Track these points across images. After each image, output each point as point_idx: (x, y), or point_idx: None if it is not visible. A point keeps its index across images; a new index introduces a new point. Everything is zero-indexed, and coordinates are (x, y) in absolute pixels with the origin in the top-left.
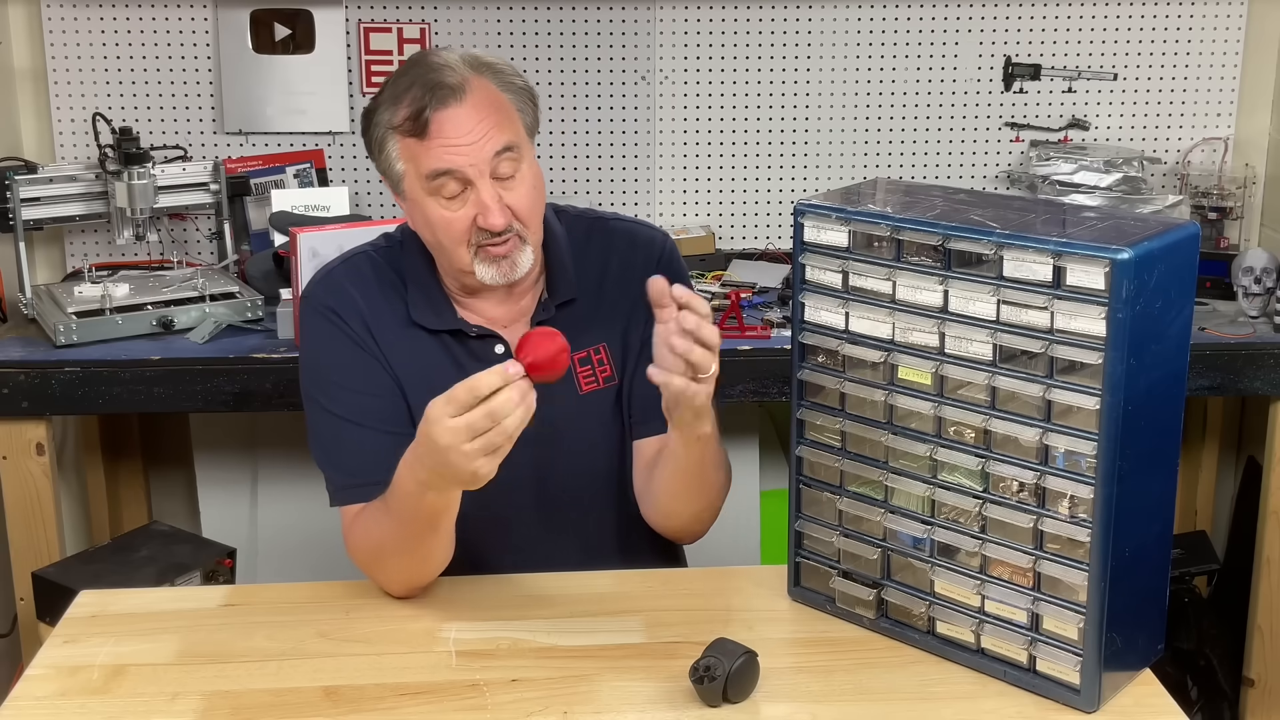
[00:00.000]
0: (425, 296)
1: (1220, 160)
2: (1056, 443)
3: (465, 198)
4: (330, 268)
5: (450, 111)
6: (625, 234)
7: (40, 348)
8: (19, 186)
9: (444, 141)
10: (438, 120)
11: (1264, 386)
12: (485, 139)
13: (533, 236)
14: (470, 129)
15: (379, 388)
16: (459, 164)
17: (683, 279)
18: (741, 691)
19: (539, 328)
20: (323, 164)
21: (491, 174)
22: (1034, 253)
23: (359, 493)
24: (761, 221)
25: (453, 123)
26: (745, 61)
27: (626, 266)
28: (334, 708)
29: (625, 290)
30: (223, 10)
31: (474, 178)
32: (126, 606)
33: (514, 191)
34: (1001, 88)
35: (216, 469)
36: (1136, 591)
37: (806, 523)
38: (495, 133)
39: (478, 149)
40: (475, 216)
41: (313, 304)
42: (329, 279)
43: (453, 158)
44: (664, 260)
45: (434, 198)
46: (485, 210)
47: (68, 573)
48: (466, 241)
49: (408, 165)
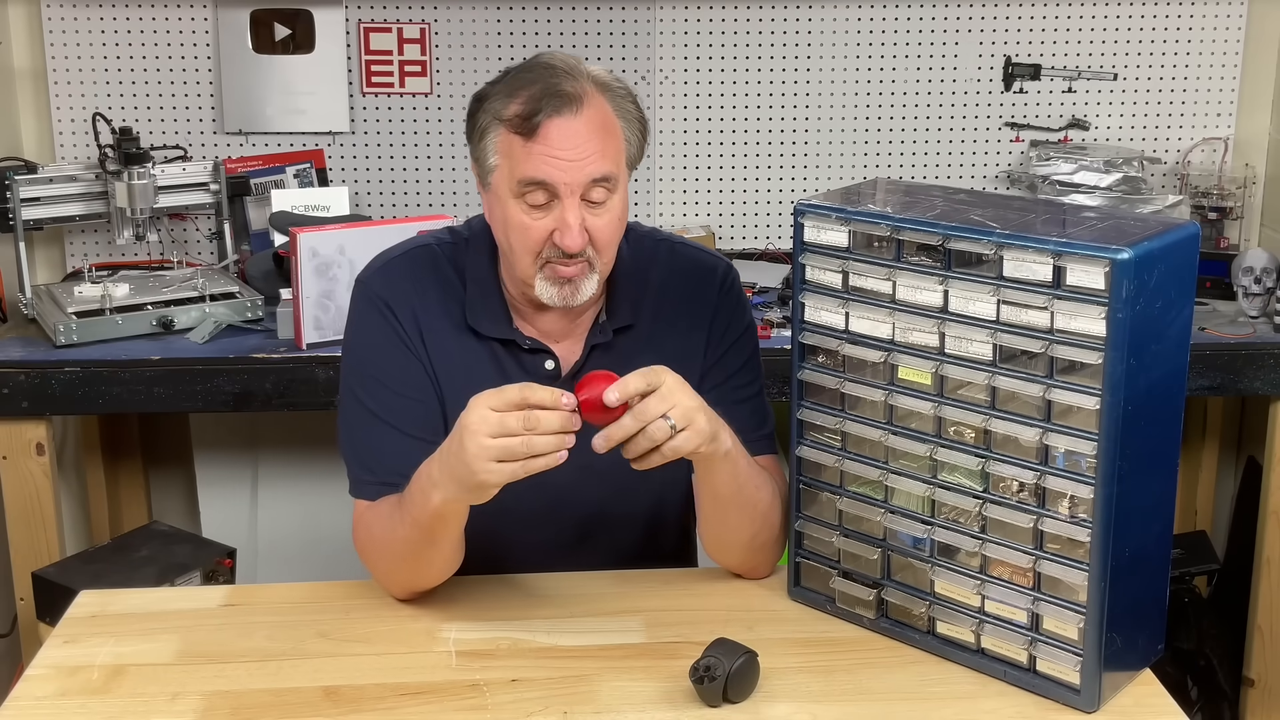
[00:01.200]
0: (483, 300)
1: (1220, 160)
2: (1056, 443)
3: (549, 209)
4: (391, 256)
5: (562, 121)
6: (688, 261)
7: (40, 348)
8: (19, 186)
9: (547, 150)
10: (547, 127)
11: (1264, 386)
12: (587, 160)
13: (602, 266)
14: (576, 145)
15: (417, 391)
16: (554, 178)
17: (738, 309)
18: (741, 691)
19: (604, 371)
20: (323, 164)
21: (582, 196)
22: (1034, 253)
23: (375, 489)
24: (761, 221)
25: (560, 133)
26: (745, 61)
27: (686, 295)
28: (334, 708)
29: (681, 319)
30: (223, 10)
31: (564, 195)
32: (126, 606)
33: (599, 219)
34: (1001, 88)
35: (216, 469)
36: (1136, 591)
37: (806, 523)
38: (598, 158)
39: (577, 168)
40: (553, 231)
41: (366, 291)
42: (387, 269)
43: (550, 170)
44: (724, 290)
45: (518, 201)
46: (565, 229)
47: (68, 573)
48: (537, 253)
49: (503, 161)
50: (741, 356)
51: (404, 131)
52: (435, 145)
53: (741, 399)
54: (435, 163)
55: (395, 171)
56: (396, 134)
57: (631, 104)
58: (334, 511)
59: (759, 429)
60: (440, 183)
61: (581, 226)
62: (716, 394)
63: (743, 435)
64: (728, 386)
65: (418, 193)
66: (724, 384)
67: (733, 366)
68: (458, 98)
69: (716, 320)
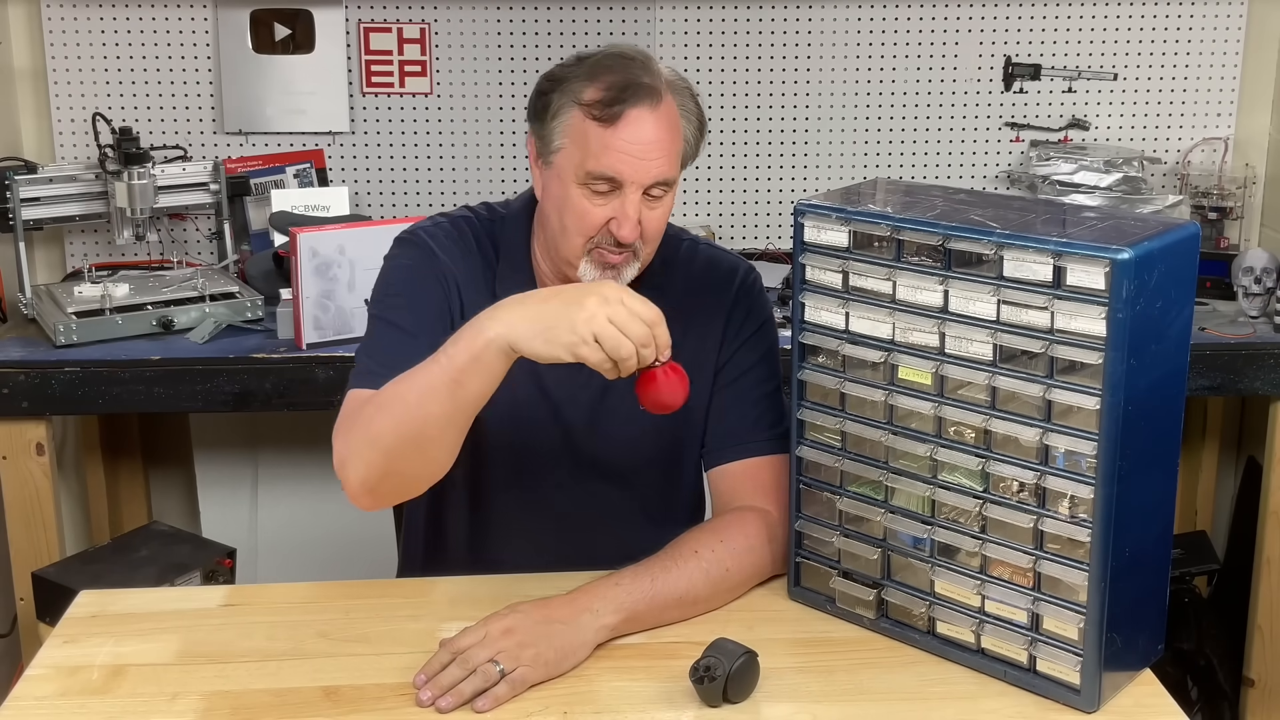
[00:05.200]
0: (513, 274)
1: (1220, 160)
2: (1057, 443)
3: (609, 199)
4: (437, 219)
5: (643, 112)
6: (708, 260)
7: (40, 348)
8: (19, 186)
9: (624, 142)
10: (627, 118)
11: (1264, 386)
12: (657, 160)
13: (645, 256)
14: (651, 141)
15: (440, 316)
16: (625, 175)
17: (756, 308)
18: (741, 691)
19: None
20: (323, 164)
21: (645, 192)
22: (1034, 253)
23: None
24: (761, 221)
25: (639, 126)
26: (745, 61)
27: (705, 292)
28: (334, 708)
29: (698, 315)
30: (223, 10)
31: (628, 190)
32: (126, 606)
33: (652, 212)
34: (1001, 88)
35: (216, 469)
36: (1136, 591)
37: (806, 523)
38: (665, 160)
39: (646, 167)
40: (609, 220)
41: (412, 237)
42: (436, 226)
43: (622, 167)
44: (742, 288)
45: (582, 187)
46: (624, 221)
47: (68, 573)
48: (589, 236)
49: (573, 145)
50: (755, 354)
51: (404, 131)
52: (435, 145)
53: (754, 398)
54: (435, 163)
55: (395, 171)
56: (396, 134)
57: (693, 102)
58: (334, 511)
59: (771, 428)
60: (440, 183)
61: (638, 222)
62: (729, 391)
63: (750, 434)
64: (740, 384)
65: (418, 193)
66: (737, 381)
67: (745, 364)
68: (458, 98)
69: (732, 317)
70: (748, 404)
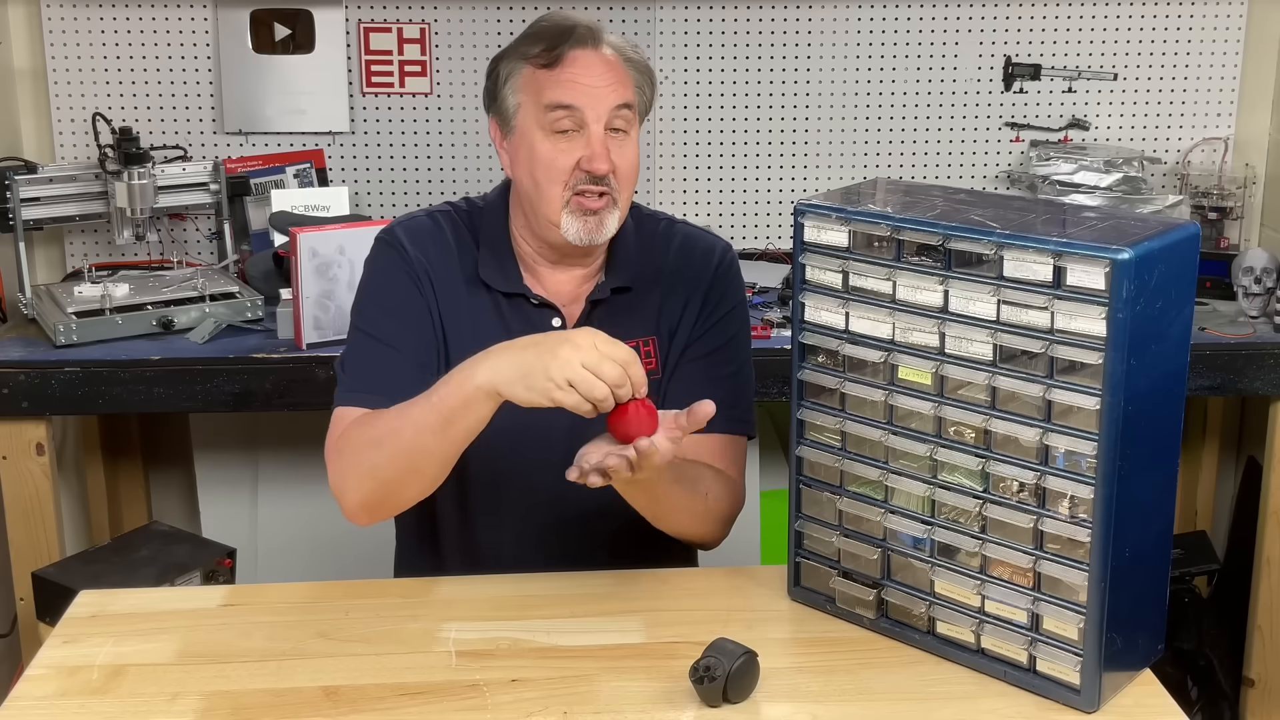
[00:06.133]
0: (495, 257)
1: (1220, 160)
2: (1056, 443)
3: (574, 139)
4: (415, 216)
5: (584, 52)
6: (687, 239)
7: (40, 348)
8: (19, 186)
9: (573, 75)
10: (571, 56)
11: (1264, 386)
12: (609, 88)
13: (623, 203)
14: (599, 73)
15: (419, 325)
16: (581, 102)
17: (732, 288)
18: (741, 691)
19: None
20: (323, 164)
21: (606, 125)
22: (1034, 253)
23: (367, 399)
24: (761, 221)
25: (584, 62)
26: (745, 61)
27: (683, 271)
28: (334, 708)
29: (678, 293)
30: (223, 10)
31: (590, 120)
32: (126, 606)
33: (621, 150)
34: (1001, 88)
35: (216, 469)
36: (1136, 591)
37: (806, 523)
38: (619, 87)
39: (601, 94)
40: (580, 159)
41: (386, 238)
42: (411, 223)
43: (576, 95)
44: (721, 270)
45: (544, 131)
46: (594, 154)
47: (68, 573)
48: (564, 183)
49: (526, 97)
50: (725, 334)
51: (404, 131)
52: (435, 145)
53: (719, 376)
54: (435, 163)
55: (395, 171)
56: (396, 134)
57: (638, 55)
58: (334, 511)
59: (732, 407)
60: (440, 183)
61: (607, 153)
62: (696, 367)
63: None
64: (707, 362)
65: (418, 193)
66: (704, 358)
67: (715, 342)
68: (458, 98)
69: (710, 295)
70: (714, 381)
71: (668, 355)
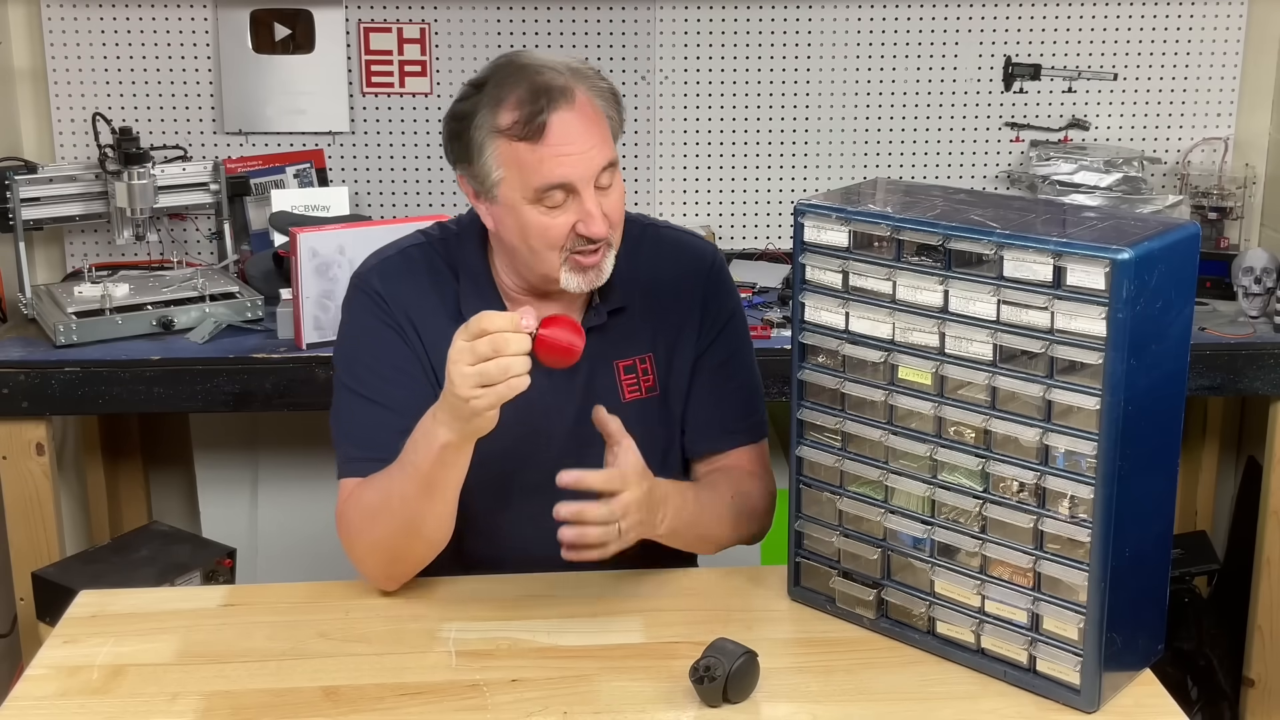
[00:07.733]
0: (476, 289)
1: (1220, 160)
2: (1057, 443)
3: (566, 206)
4: (385, 255)
5: (563, 115)
6: (675, 245)
7: (40, 348)
8: (19, 186)
9: (557, 150)
10: (552, 125)
11: (1264, 386)
12: (594, 149)
13: (616, 241)
14: (581, 135)
15: (407, 375)
16: (571, 176)
17: (728, 294)
18: (741, 691)
19: (568, 318)
20: (323, 164)
21: (595, 184)
22: (1034, 253)
23: (365, 466)
24: (761, 221)
25: (564, 129)
26: (745, 61)
27: (675, 279)
28: (334, 708)
29: (672, 304)
30: (223, 10)
31: (581, 189)
32: (126, 606)
33: (609, 199)
34: (1001, 88)
35: (216, 469)
36: (1136, 591)
37: (806, 523)
38: (601, 145)
39: (588, 160)
40: (575, 224)
41: (360, 285)
42: (383, 266)
43: (566, 170)
44: (712, 275)
45: (536, 206)
46: (590, 220)
47: (68, 573)
48: (560, 248)
49: (509, 172)
50: (731, 344)
51: (404, 131)
52: (435, 145)
53: (732, 388)
54: (435, 163)
55: (395, 171)
56: (396, 134)
57: (603, 81)
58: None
59: (748, 417)
60: (440, 183)
61: (602, 214)
62: (707, 381)
63: (736, 423)
64: (719, 375)
65: (418, 193)
66: (715, 371)
67: (723, 354)
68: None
69: (708, 309)
70: (730, 391)
71: (668, 369)
